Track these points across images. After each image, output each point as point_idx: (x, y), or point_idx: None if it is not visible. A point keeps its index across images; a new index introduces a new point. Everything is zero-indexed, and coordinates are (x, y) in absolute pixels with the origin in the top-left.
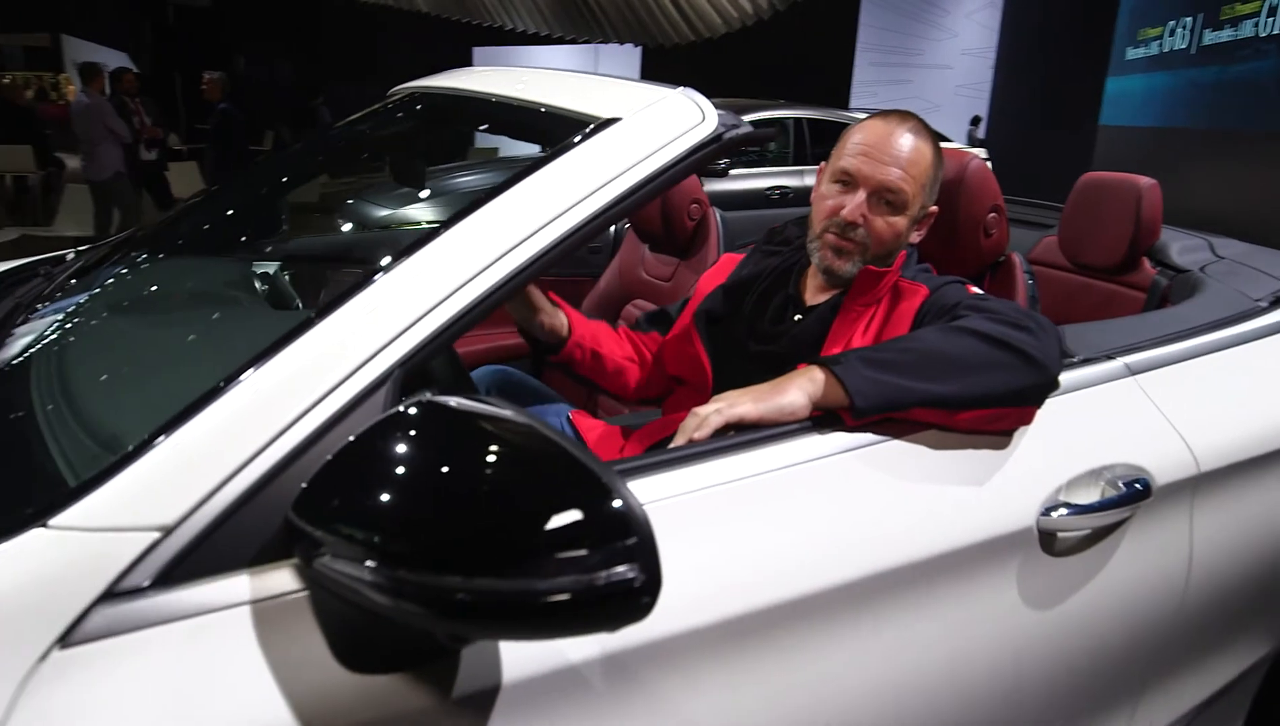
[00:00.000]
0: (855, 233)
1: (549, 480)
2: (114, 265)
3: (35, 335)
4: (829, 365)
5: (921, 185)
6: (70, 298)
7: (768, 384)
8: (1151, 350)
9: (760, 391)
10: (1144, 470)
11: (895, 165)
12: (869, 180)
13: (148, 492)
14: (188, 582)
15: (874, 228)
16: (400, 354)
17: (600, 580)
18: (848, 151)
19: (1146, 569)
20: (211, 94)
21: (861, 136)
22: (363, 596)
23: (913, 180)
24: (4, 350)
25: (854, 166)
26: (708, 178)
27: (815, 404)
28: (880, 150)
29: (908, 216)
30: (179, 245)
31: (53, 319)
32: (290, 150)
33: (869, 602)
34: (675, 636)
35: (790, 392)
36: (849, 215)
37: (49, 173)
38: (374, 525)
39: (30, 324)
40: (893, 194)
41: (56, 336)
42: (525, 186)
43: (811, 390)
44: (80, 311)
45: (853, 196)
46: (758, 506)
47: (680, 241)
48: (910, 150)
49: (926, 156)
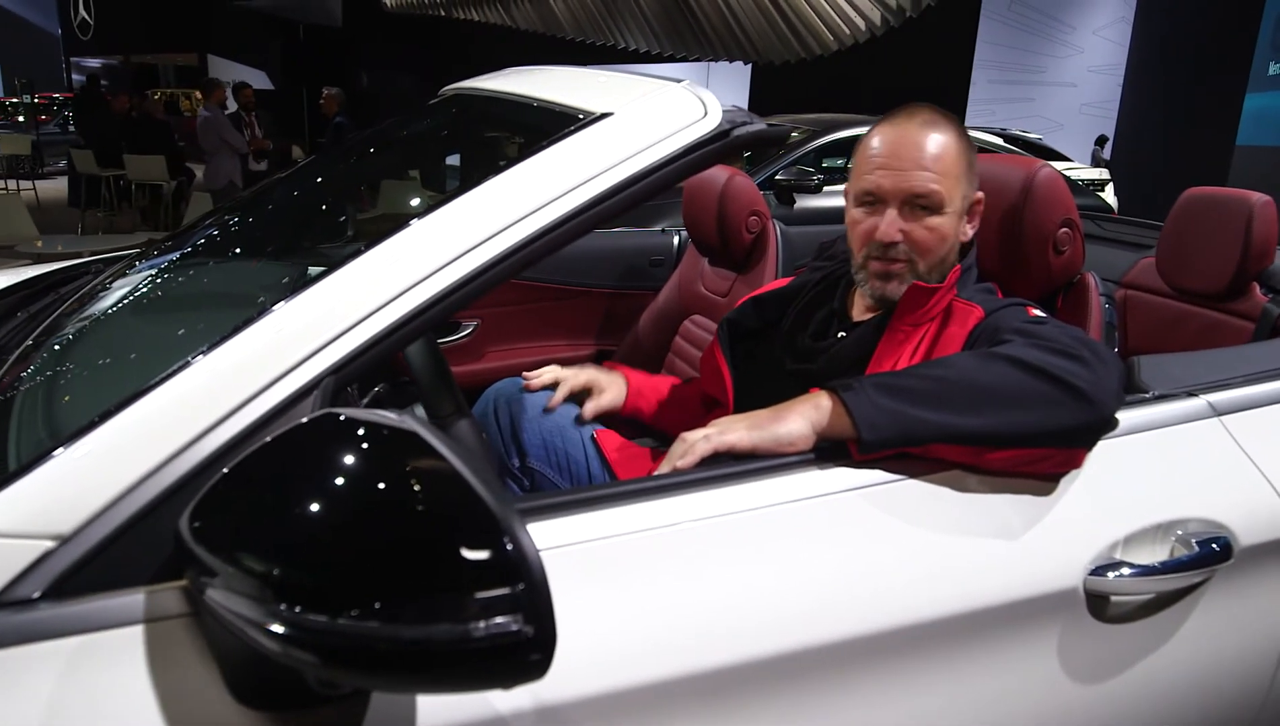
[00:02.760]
0: (897, 251)
1: (435, 510)
2: (127, 271)
3: (27, 336)
4: (839, 391)
5: (955, 177)
6: (79, 301)
7: (769, 410)
8: (1244, 388)
9: (759, 418)
10: (1224, 527)
11: (918, 167)
12: (895, 193)
13: (45, 499)
14: (81, 596)
15: (916, 239)
16: (332, 360)
17: (478, 631)
18: (864, 169)
19: (1224, 645)
20: (328, 108)
21: (876, 149)
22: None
23: (942, 176)
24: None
25: (874, 184)
26: (800, 193)
27: (820, 434)
28: (898, 157)
29: (949, 214)
30: (189, 251)
31: (54, 320)
32: (317, 157)
33: (872, 665)
34: (632, 690)
35: (791, 421)
36: (884, 235)
37: (180, 182)
38: (250, 550)
39: (34, 325)
40: (925, 197)
41: (45, 339)
42: (493, 184)
43: (815, 418)
44: (71, 315)
45: (883, 215)
46: (743, 547)
47: (737, 255)
48: (931, 146)
49: (951, 146)
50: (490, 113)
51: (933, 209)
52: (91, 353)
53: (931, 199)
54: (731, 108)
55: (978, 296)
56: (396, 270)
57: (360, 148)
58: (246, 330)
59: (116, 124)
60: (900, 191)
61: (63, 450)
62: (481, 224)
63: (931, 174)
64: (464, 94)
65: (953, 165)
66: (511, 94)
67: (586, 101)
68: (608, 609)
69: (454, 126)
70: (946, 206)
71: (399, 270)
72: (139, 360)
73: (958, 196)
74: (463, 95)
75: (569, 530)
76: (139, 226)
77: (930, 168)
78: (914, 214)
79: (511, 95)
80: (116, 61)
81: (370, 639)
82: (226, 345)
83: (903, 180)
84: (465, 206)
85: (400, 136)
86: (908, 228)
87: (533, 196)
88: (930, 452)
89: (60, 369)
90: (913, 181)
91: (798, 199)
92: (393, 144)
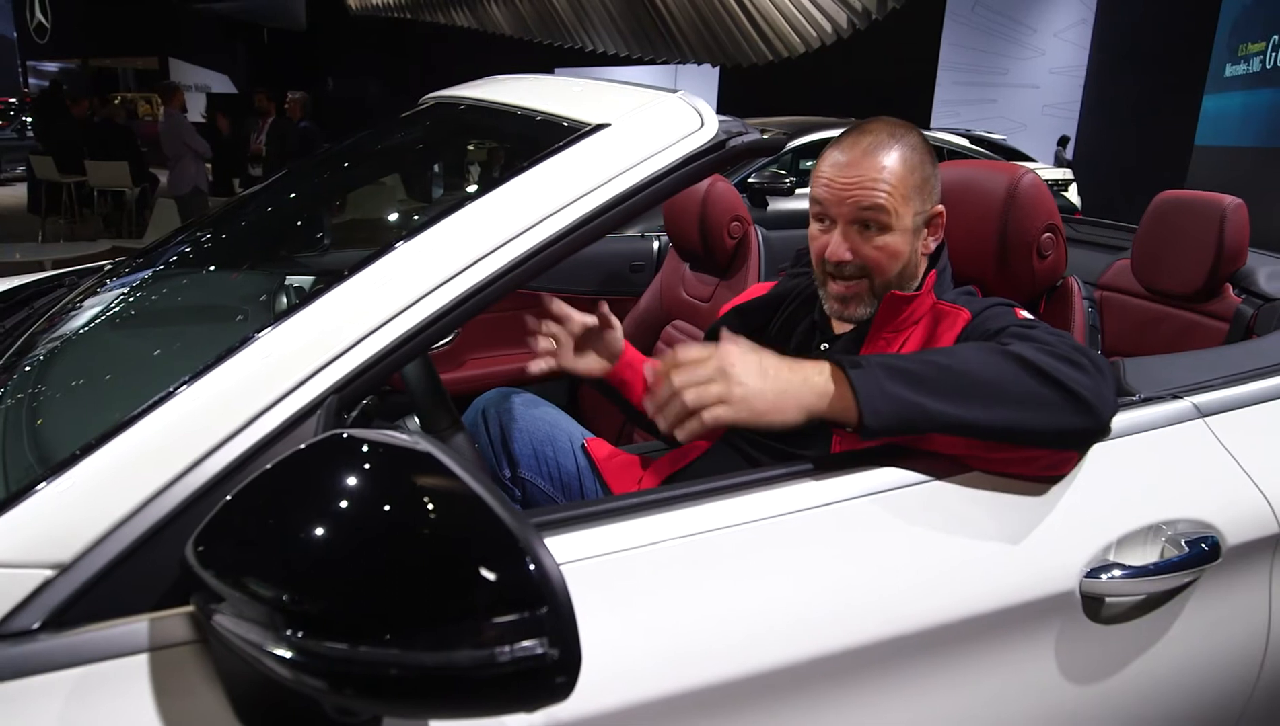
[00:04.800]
0: (848, 269)
1: (455, 534)
2: (110, 283)
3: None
4: (846, 367)
5: (904, 192)
6: (62, 315)
7: (773, 377)
8: (1227, 389)
9: (765, 398)
10: (1212, 527)
11: (861, 186)
12: (839, 210)
13: (43, 527)
14: (82, 626)
15: (866, 257)
16: (336, 378)
17: (503, 655)
18: (813, 185)
19: (1213, 643)
20: (293, 113)
21: (824, 166)
22: (230, 642)
23: (891, 190)
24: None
25: (821, 200)
26: (773, 196)
27: (819, 416)
28: (843, 174)
29: (898, 231)
30: (172, 261)
31: (31, 337)
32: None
33: (877, 671)
34: (640, 705)
35: (789, 411)
36: (833, 255)
37: (143, 188)
38: (259, 575)
39: (11, 342)
40: (871, 213)
41: (26, 357)
42: (493, 198)
43: (814, 403)
44: (51, 332)
45: (832, 233)
46: (738, 560)
47: (720, 260)
48: (878, 161)
49: (901, 160)
50: (482, 122)
51: (881, 227)
52: (84, 371)
53: (878, 215)
54: (726, 118)
55: (960, 299)
56: (399, 286)
57: (348, 156)
58: (246, 348)
59: (77, 129)
60: (843, 209)
61: (60, 476)
62: (487, 235)
63: (877, 190)
64: (450, 102)
65: (902, 180)
66: (502, 103)
67: (581, 112)
68: (614, 624)
69: (444, 136)
70: (895, 224)
71: (402, 286)
72: (134, 379)
73: (908, 213)
74: (449, 104)
75: (574, 545)
76: (102, 234)
77: (876, 184)
78: (863, 232)
79: (502, 104)
80: (74, 65)
81: (390, 665)
82: (226, 364)
83: (847, 196)
84: (469, 218)
85: (388, 145)
86: (856, 246)
87: (537, 208)
88: (925, 442)
89: (47, 388)
90: (857, 199)
91: (770, 201)
92: (381, 153)
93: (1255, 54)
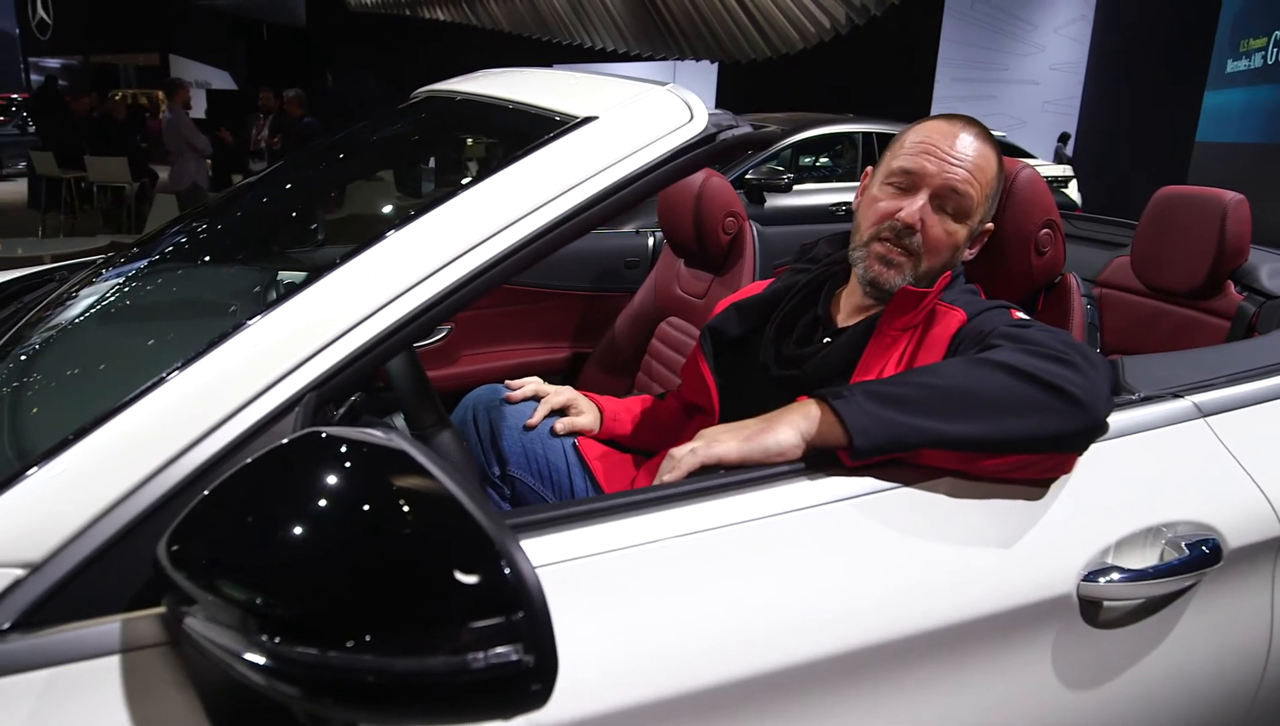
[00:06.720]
0: (910, 240)
1: (430, 536)
2: (96, 277)
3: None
4: (829, 398)
5: (985, 194)
6: (51, 309)
7: (757, 419)
8: (1228, 388)
9: (747, 428)
10: (1214, 529)
11: (964, 166)
12: (933, 180)
13: (14, 525)
14: (53, 626)
15: (932, 235)
16: (314, 375)
17: (476, 662)
18: (907, 150)
19: (1214, 648)
20: (291, 110)
21: (924, 135)
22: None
23: (979, 186)
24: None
25: (916, 165)
26: (771, 192)
27: (810, 442)
28: (946, 149)
29: (969, 226)
30: (168, 256)
31: (18, 331)
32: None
33: (866, 677)
34: (624, 710)
35: (780, 430)
36: (907, 217)
37: (142, 184)
38: (232, 576)
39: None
40: (958, 197)
41: (9, 350)
42: (480, 189)
43: (805, 427)
44: (38, 325)
45: (912, 199)
46: (732, 560)
47: (714, 256)
48: (976, 153)
49: (992, 163)
50: (470, 116)
51: (958, 213)
52: (60, 366)
53: (963, 201)
54: (717, 111)
55: (961, 298)
56: (380, 280)
57: (339, 151)
58: (223, 344)
59: (77, 125)
60: (938, 180)
61: (33, 472)
62: (470, 230)
63: (971, 178)
64: (441, 96)
65: (988, 182)
66: (491, 96)
67: (570, 105)
68: (597, 627)
69: (434, 130)
70: (970, 217)
71: (383, 280)
72: (111, 375)
73: (979, 215)
74: (440, 97)
75: (556, 547)
76: (101, 229)
77: (972, 172)
78: (940, 212)
79: (491, 98)
80: (76, 62)
81: (361, 671)
82: (203, 360)
83: (945, 170)
84: (452, 212)
85: (378, 139)
86: (930, 222)
87: (521, 202)
88: (921, 459)
89: (27, 382)
90: (954, 175)
91: (768, 198)
92: (371, 147)
93: (1257, 50)
